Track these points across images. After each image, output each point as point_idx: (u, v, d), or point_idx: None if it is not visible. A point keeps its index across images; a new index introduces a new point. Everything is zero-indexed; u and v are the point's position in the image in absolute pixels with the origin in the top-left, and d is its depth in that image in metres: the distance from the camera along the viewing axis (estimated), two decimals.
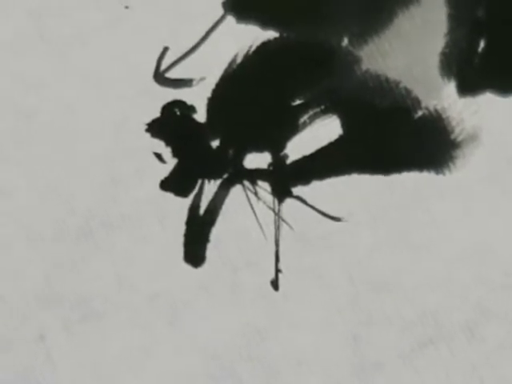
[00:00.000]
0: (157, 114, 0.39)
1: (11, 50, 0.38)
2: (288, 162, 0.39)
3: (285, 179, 0.39)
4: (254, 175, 0.39)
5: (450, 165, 0.39)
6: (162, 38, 0.39)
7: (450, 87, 0.40)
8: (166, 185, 0.38)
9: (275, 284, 0.38)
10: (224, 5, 0.39)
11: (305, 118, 0.39)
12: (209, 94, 0.39)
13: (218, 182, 0.39)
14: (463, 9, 0.39)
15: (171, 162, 0.39)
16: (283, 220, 0.39)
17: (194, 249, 0.38)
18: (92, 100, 0.39)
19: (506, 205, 0.39)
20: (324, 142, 0.40)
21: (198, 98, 0.39)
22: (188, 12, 0.39)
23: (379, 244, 0.38)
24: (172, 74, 0.39)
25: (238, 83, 0.39)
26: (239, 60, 0.39)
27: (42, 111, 0.39)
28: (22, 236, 0.38)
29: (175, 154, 0.38)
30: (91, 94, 0.39)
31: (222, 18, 0.39)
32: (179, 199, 0.38)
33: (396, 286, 0.38)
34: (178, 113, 0.38)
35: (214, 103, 0.39)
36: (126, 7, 0.39)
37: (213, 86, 0.39)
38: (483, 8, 0.39)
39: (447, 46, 0.40)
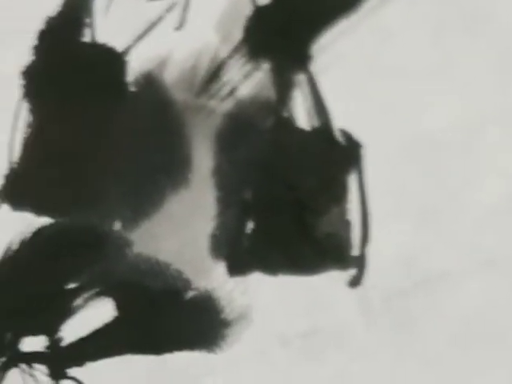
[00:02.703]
0: None
1: None
2: (63, 344, 0.40)
3: (60, 361, 0.40)
4: (30, 358, 0.40)
5: (221, 343, 0.40)
6: None
7: (220, 267, 0.41)
8: None
9: None
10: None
11: (78, 301, 0.40)
12: None
13: None
14: (231, 192, 0.40)
15: None
16: None
17: None
18: None
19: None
20: (98, 324, 0.41)
21: None
22: None
23: None
24: None
25: (13, 269, 0.40)
26: (14, 246, 0.40)
27: None
28: None
29: None
30: None
31: None
32: None
33: None
34: None
35: None
36: None
37: None
38: (250, 191, 0.41)
39: (216, 227, 0.41)
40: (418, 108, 0.40)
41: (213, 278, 0.41)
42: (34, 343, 0.40)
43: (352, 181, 0.41)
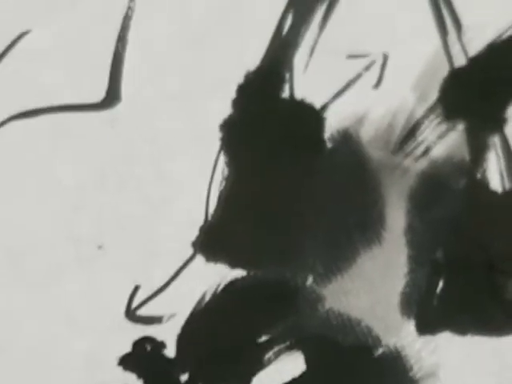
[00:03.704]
0: (128, 348, 0.41)
1: None
2: None
3: None
4: None
5: None
6: (134, 277, 0.41)
7: (410, 325, 0.42)
8: None
9: None
10: (194, 244, 0.41)
11: (270, 354, 0.41)
12: (178, 330, 0.41)
13: None
14: (423, 251, 0.41)
15: None
16: None
17: None
18: (63, 335, 0.41)
19: None
20: (287, 377, 0.42)
21: (168, 334, 0.41)
22: (158, 250, 0.41)
23: None
24: (143, 311, 0.41)
25: (206, 320, 0.41)
26: (208, 298, 0.41)
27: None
28: None
29: None
30: (63, 329, 0.41)
31: (192, 257, 0.41)
32: None
33: None
34: (149, 348, 0.40)
35: (183, 339, 0.41)
36: (100, 247, 0.41)
37: (182, 322, 0.41)
38: (442, 250, 0.41)
39: (407, 285, 0.42)
40: None
41: (402, 335, 0.41)
42: None
43: None
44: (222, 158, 0.42)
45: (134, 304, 0.41)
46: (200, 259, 0.41)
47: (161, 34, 0.42)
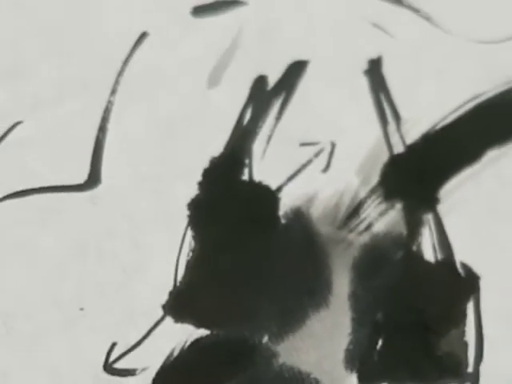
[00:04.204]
0: None
1: None
2: None
3: None
4: None
5: None
6: (111, 335, 0.46)
7: (353, 378, 0.47)
8: None
9: None
10: (164, 307, 0.46)
11: None
12: (149, 382, 0.46)
13: None
14: (365, 313, 0.46)
15: None
16: None
17: None
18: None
19: None
20: None
21: None
22: (133, 312, 0.46)
23: None
24: (119, 365, 0.46)
25: (174, 373, 0.46)
26: (176, 353, 0.46)
27: None
28: None
29: None
30: (48, 383, 0.46)
31: (162, 318, 0.46)
32: None
33: None
34: None
35: None
36: (81, 309, 0.46)
37: (153, 374, 0.46)
38: (381, 313, 0.47)
39: (351, 343, 0.47)
40: None
41: None
42: None
43: (470, 307, 0.47)
44: (189, 233, 0.47)
45: (111, 359, 0.46)
46: (169, 320, 0.46)
47: (136, 125, 0.46)
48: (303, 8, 0.46)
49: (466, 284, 0.47)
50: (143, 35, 0.47)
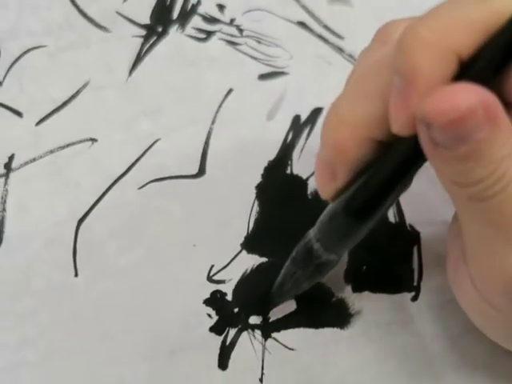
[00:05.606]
0: None
1: None
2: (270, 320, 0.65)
3: (268, 329, 0.66)
4: (252, 326, 0.64)
5: None
6: (212, 261, 0.57)
7: (349, 287, 0.51)
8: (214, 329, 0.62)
9: None
10: (241, 245, 0.59)
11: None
12: (233, 286, 0.64)
13: (236, 329, 0.63)
14: (355, 252, 0.49)
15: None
16: (266, 349, 0.62)
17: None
18: None
19: None
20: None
21: (228, 288, 0.61)
22: None
23: None
24: (216, 277, 0.59)
25: (247, 282, 0.61)
26: (248, 271, 0.62)
27: None
28: None
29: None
30: None
31: (240, 251, 0.61)
32: None
33: None
34: (218, 295, 0.60)
35: (235, 291, 0.62)
36: (194, 245, 0.62)
37: (235, 283, 0.62)
38: (364, 250, 0.50)
39: (348, 266, 0.52)
40: None
41: None
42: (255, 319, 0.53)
43: (415, 251, 0.55)
44: (256, 202, 0.55)
45: (211, 273, 0.51)
46: (244, 252, 0.55)
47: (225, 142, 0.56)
48: (323, 78, 0.59)
49: (412, 237, 0.56)
50: (230, 91, 0.59)
